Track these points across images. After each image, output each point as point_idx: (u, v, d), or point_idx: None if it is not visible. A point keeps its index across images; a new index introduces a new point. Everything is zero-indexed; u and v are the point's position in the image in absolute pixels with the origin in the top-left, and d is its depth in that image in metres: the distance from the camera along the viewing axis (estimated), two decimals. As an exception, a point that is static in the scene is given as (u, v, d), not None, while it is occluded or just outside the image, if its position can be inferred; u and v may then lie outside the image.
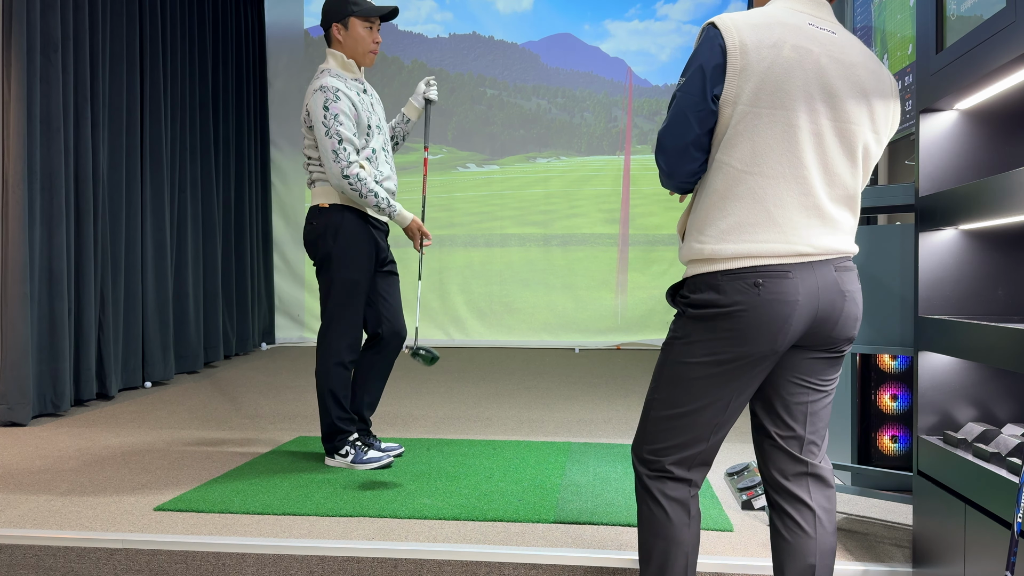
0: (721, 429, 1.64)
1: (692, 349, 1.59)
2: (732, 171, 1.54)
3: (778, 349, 1.56)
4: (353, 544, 2.31)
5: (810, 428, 1.68)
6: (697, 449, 1.64)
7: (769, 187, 1.53)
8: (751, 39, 1.52)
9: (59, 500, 2.72)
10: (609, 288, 7.23)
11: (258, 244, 6.98)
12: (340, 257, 3.04)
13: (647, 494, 1.67)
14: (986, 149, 2.06)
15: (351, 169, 2.95)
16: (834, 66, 1.55)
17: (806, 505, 1.67)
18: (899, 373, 2.86)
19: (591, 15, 7.36)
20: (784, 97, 1.52)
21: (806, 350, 1.63)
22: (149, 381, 5.10)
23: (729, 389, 1.59)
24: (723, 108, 1.54)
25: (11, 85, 3.94)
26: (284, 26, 7.45)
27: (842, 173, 1.57)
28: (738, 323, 1.54)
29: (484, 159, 7.39)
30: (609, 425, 3.97)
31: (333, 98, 2.97)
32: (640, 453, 1.68)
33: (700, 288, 1.59)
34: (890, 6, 3.13)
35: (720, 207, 1.56)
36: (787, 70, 1.52)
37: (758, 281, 1.53)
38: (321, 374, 3.09)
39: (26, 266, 3.95)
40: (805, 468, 1.68)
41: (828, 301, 1.57)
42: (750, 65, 1.51)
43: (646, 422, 1.68)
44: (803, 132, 1.53)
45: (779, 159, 1.53)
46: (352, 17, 3.04)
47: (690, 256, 1.61)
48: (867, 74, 1.59)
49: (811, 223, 1.55)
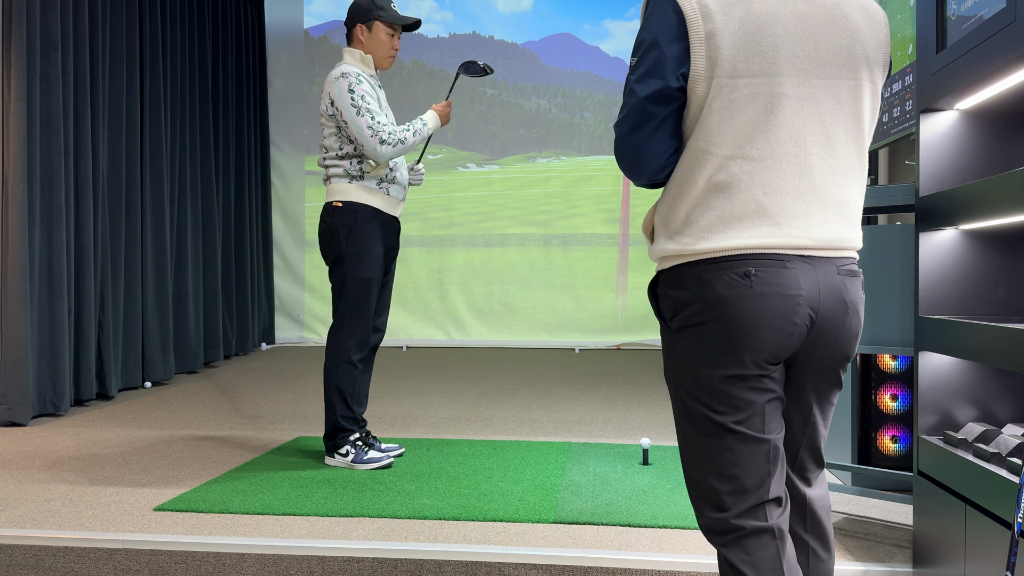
0: (772, 457, 1.34)
1: (687, 367, 1.35)
2: (711, 158, 1.29)
3: (783, 355, 1.31)
4: (353, 544, 2.31)
5: (803, 454, 1.46)
6: (758, 487, 1.33)
7: (756, 172, 1.28)
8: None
9: (59, 500, 2.72)
10: (609, 288, 7.23)
11: (258, 244, 6.98)
12: (352, 256, 3.07)
13: (730, 570, 1.32)
14: (986, 149, 2.06)
15: (388, 135, 3.02)
16: (814, 11, 1.29)
17: (799, 537, 1.46)
18: (899, 373, 2.86)
19: (591, 15, 7.36)
20: (763, 61, 1.26)
21: (799, 378, 1.39)
22: (149, 381, 5.10)
23: (746, 407, 1.32)
24: (694, 86, 1.28)
25: (11, 85, 3.94)
26: (284, 26, 7.45)
27: (842, 141, 1.32)
28: (727, 323, 1.28)
29: (484, 159, 7.39)
30: (609, 425, 3.97)
31: (356, 81, 3.06)
32: (704, 522, 1.37)
33: (680, 282, 1.34)
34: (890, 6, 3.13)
35: (700, 201, 1.31)
36: (762, 27, 1.26)
37: (749, 271, 1.27)
38: (330, 371, 3.12)
39: (26, 266, 3.95)
40: (800, 497, 1.47)
41: (829, 309, 1.32)
42: (717, 29, 1.25)
43: (690, 480, 1.39)
44: (790, 100, 1.28)
45: (768, 137, 1.28)
46: (377, 21, 3.14)
47: (664, 254, 1.36)
48: (854, 9, 1.33)
49: (810, 209, 1.30)
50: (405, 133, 3.06)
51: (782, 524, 1.34)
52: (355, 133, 3.02)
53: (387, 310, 3.32)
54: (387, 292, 3.30)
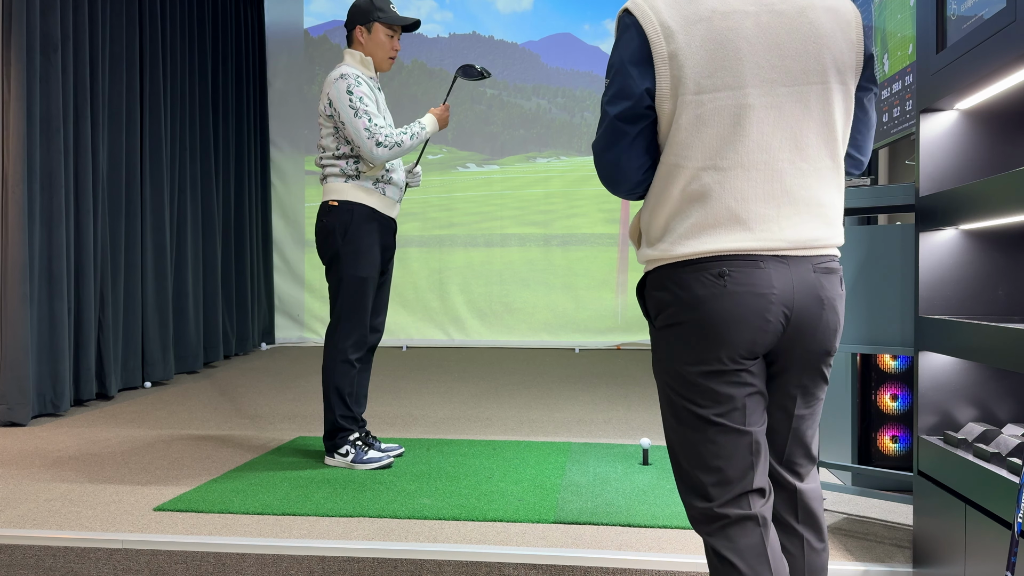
0: (754, 449, 1.40)
1: (671, 364, 1.41)
2: (683, 170, 1.36)
3: (757, 351, 1.37)
4: (353, 544, 2.31)
5: (792, 449, 1.50)
6: (741, 478, 1.39)
7: (727, 181, 1.34)
8: (673, 18, 1.33)
9: (59, 500, 2.72)
10: (609, 288, 7.23)
11: (258, 244, 6.98)
12: (349, 255, 3.07)
13: (716, 558, 1.38)
14: (986, 149, 2.06)
15: (384, 137, 3.02)
16: (778, 21, 1.34)
17: (792, 529, 1.50)
18: (899, 373, 2.86)
19: (591, 15, 7.37)
20: (727, 76, 1.32)
21: (780, 374, 1.44)
22: (149, 381, 5.10)
23: (726, 401, 1.38)
24: (661, 104, 1.36)
25: (11, 85, 3.94)
26: (284, 26, 7.45)
27: (814, 143, 1.37)
28: (702, 322, 1.35)
29: (484, 159, 7.39)
30: (609, 425, 3.97)
31: (355, 83, 3.06)
32: (692, 513, 1.44)
33: (662, 284, 1.41)
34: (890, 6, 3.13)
35: (676, 210, 1.38)
36: (723, 44, 1.32)
37: (723, 271, 1.34)
38: (328, 371, 3.11)
39: (26, 266, 3.95)
40: (790, 491, 1.50)
41: (803, 306, 1.37)
42: (679, 49, 1.32)
43: (678, 472, 1.46)
44: (757, 110, 1.33)
45: (734, 148, 1.34)
46: (377, 23, 3.14)
47: (648, 257, 1.45)
48: (821, 13, 1.37)
49: (781, 213, 1.35)
50: (402, 136, 3.06)
51: (766, 513, 1.40)
52: (352, 134, 3.02)
53: (385, 310, 3.32)
54: (385, 292, 3.30)
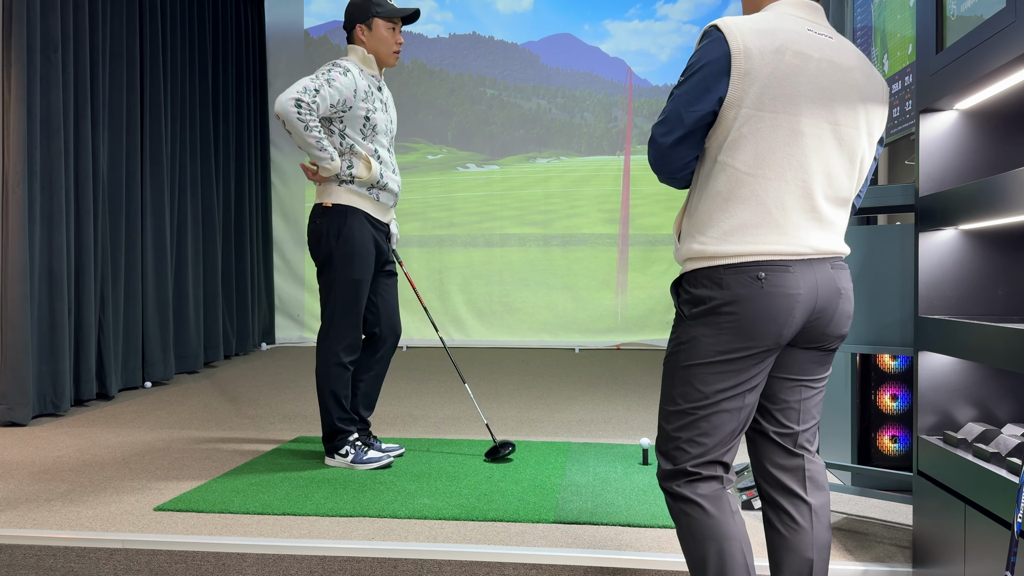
0: (738, 426, 1.62)
1: (699, 350, 1.59)
2: (735, 173, 1.56)
3: (781, 342, 1.58)
4: (353, 544, 2.31)
5: (803, 424, 1.70)
6: (718, 448, 1.61)
7: (771, 189, 1.56)
8: (755, 44, 1.54)
9: (59, 500, 2.72)
10: (609, 288, 7.23)
11: (258, 244, 6.98)
12: (342, 257, 3.04)
13: (682, 500, 1.62)
14: (986, 149, 2.06)
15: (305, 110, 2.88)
16: (832, 71, 1.59)
17: (802, 499, 1.68)
18: (899, 373, 2.86)
19: (591, 15, 7.36)
20: (787, 102, 1.55)
21: (800, 348, 1.66)
22: (149, 381, 5.10)
23: (740, 383, 1.59)
24: (726, 111, 1.56)
25: (11, 85, 3.94)
26: (284, 26, 7.45)
27: (839, 176, 1.60)
28: (741, 316, 1.55)
29: (484, 159, 7.39)
30: (609, 425, 3.97)
31: (340, 73, 2.99)
32: (662, 468, 1.65)
33: (701, 282, 1.60)
34: (890, 6, 3.13)
35: (722, 209, 1.58)
36: (790, 75, 1.55)
37: (760, 274, 1.55)
38: (321, 374, 3.09)
39: (26, 266, 3.95)
40: (800, 462, 1.70)
41: (825, 298, 1.60)
42: (754, 69, 1.53)
43: (663, 431, 1.66)
44: (806, 136, 1.56)
45: (782, 162, 1.55)
46: (376, 18, 3.09)
47: (689, 256, 1.62)
48: (862, 77, 1.63)
49: (810, 225, 1.58)
50: (314, 136, 2.90)
51: (725, 484, 1.64)
52: (295, 83, 2.92)
53: (397, 312, 3.27)
54: (391, 295, 3.26)
